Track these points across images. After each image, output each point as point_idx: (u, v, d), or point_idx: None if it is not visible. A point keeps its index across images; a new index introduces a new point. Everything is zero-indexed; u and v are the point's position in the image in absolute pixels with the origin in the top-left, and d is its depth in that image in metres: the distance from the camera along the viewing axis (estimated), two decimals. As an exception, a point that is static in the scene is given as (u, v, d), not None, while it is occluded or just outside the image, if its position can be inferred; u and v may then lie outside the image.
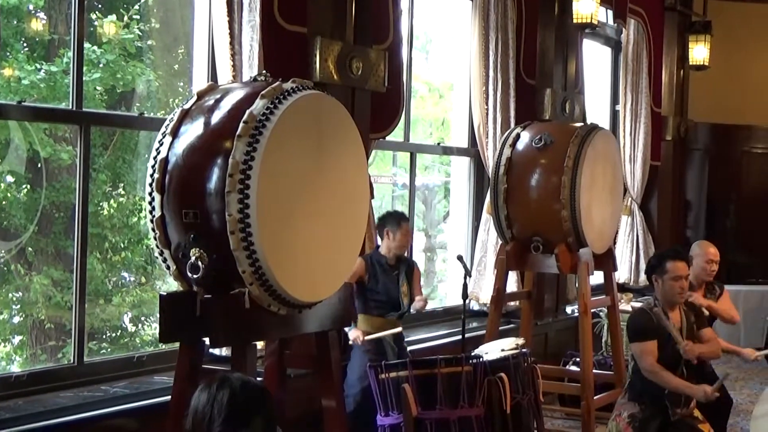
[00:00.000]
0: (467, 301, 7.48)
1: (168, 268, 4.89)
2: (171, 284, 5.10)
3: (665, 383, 5.98)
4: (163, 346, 6.10)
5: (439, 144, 9.66)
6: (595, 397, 8.14)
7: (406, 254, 7.45)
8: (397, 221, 7.10)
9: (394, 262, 7.16)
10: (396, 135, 8.27)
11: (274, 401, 3.29)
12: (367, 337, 6.91)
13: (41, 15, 7.11)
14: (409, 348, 7.37)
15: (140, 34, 7.16)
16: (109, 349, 7.18)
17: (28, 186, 7.01)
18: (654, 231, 12.38)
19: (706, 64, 13.05)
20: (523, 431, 6.23)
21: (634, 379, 6.25)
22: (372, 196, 7.13)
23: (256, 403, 3.17)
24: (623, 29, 11.61)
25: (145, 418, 5.64)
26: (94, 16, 6.92)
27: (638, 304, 9.33)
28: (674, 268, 6.12)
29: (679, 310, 6.22)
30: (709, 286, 7.57)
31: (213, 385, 3.17)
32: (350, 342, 6.93)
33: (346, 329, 6.87)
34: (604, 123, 12.03)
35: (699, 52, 13.03)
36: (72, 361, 5.96)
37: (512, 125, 8.77)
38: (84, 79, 6.04)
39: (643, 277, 11.75)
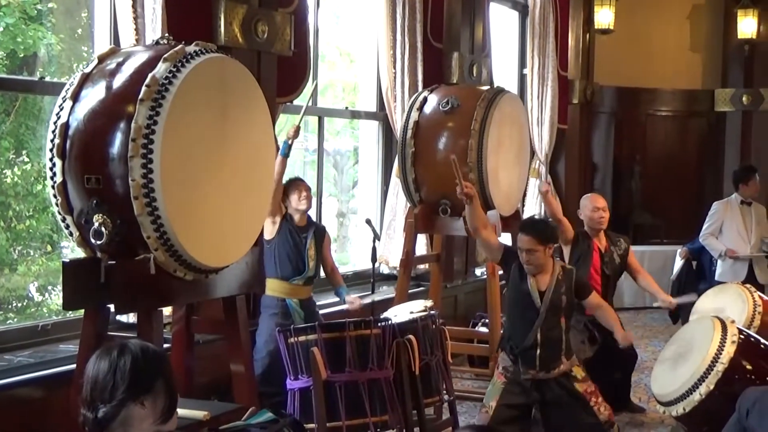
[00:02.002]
0: (377, 264, 7.54)
1: (71, 234, 4.84)
2: (78, 253, 5.04)
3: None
4: (70, 314, 6.02)
5: (347, 108, 9.66)
6: (503, 358, 8.26)
7: (320, 221, 7.47)
8: (288, 183, 7.13)
9: (304, 224, 7.16)
10: (304, 99, 8.22)
11: (171, 365, 3.29)
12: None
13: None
14: (320, 312, 7.37)
15: (40, -4, 7.00)
16: (15, 319, 7.06)
17: (-73, 153, 6.85)
18: (562, 193, 12.53)
19: (611, 27, 13.22)
20: (432, 392, 6.30)
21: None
22: (280, 161, 7.11)
23: (158, 368, 3.17)
24: (530, -7, 11.69)
25: (50, 386, 5.56)
26: (-9, -21, 6.75)
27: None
28: (518, 240, 6.27)
29: (550, 277, 6.26)
30: (614, 238, 7.71)
31: (113, 352, 3.14)
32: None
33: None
34: (512, 87, 12.10)
35: (604, 15, 13.18)
36: (-25, 331, 5.88)
37: (420, 89, 8.79)
38: (-18, 43, 5.91)
39: (551, 239, 11.91)
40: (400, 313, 6.67)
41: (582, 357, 6.68)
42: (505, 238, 8.87)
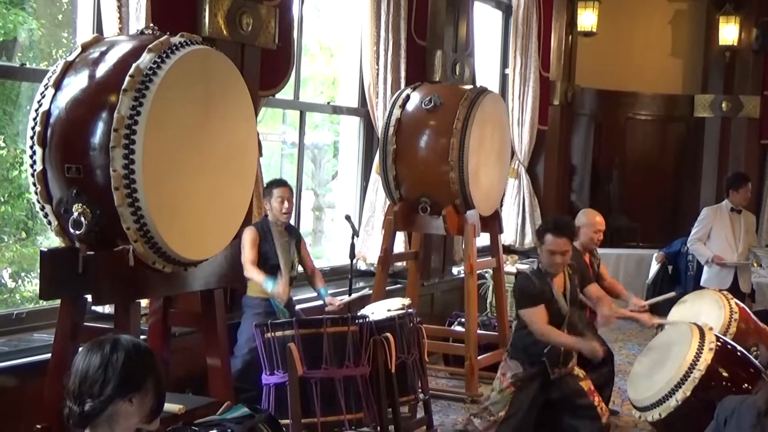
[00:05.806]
0: (355, 260, 7.50)
1: (50, 223, 4.80)
2: (53, 240, 4.99)
3: (558, 342, 6.12)
4: (44, 303, 5.96)
5: (329, 103, 9.62)
6: (478, 357, 8.27)
7: (292, 223, 7.42)
8: (269, 189, 7.05)
9: (283, 228, 7.11)
10: (286, 93, 8.20)
11: (161, 363, 3.27)
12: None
13: None
14: (296, 307, 7.34)
15: (22, -19, 6.93)
16: (-12, 306, 7.01)
17: None
18: (540, 194, 12.52)
19: (594, 30, 13.22)
20: (407, 390, 6.29)
21: (515, 338, 6.37)
22: (260, 154, 7.07)
23: (150, 367, 3.15)
24: (514, -7, 11.68)
25: (24, 375, 5.51)
26: (-27, -38, 6.67)
27: (523, 266, 9.50)
28: (550, 243, 6.21)
29: (564, 274, 6.32)
30: (592, 250, 7.72)
31: (105, 346, 3.11)
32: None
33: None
34: (494, 86, 12.09)
35: (587, 18, 13.19)
36: (-53, 318, 5.81)
37: (402, 86, 8.78)
38: (-38, 27, 5.84)
39: (528, 239, 11.93)
40: (377, 311, 6.65)
41: None
42: (484, 239, 8.88)
